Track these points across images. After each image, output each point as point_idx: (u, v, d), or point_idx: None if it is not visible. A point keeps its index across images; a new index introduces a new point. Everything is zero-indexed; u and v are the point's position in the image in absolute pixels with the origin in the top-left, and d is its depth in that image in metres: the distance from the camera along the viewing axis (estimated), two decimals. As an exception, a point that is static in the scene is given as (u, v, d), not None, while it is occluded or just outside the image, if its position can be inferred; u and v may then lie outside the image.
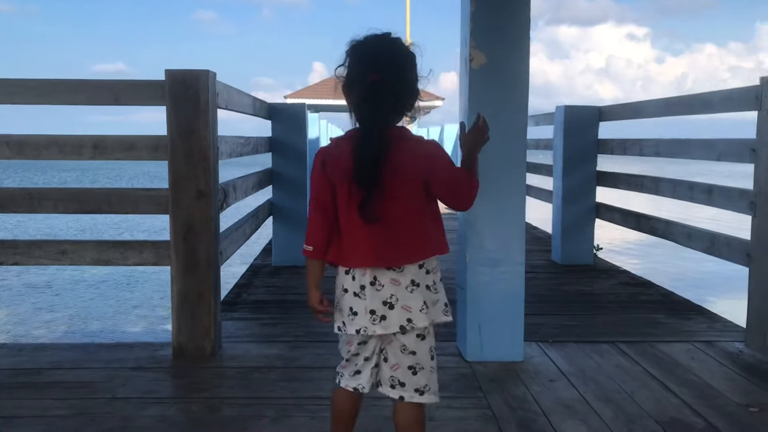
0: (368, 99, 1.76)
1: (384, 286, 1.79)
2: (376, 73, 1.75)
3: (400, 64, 1.79)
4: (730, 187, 3.58)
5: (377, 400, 2.15)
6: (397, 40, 1.82)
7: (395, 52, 1.80)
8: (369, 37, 1.81)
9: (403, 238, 1.79)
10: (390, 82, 1.76)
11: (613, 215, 5.22)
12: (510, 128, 2.98)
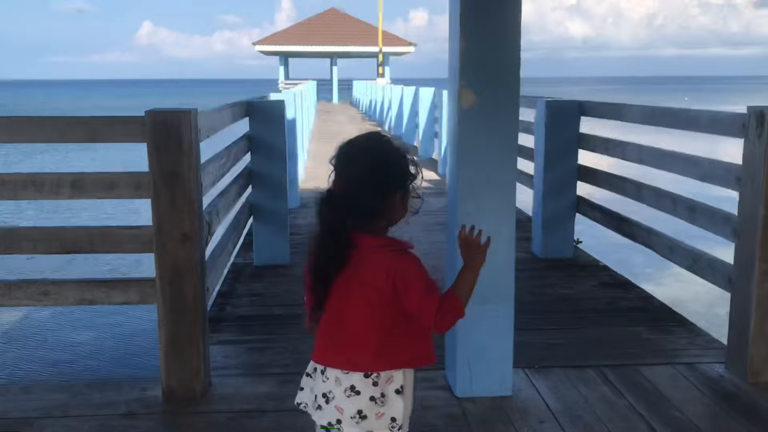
0: (325, 202, 1.77)
1: (328, 379, 1.82)
2: (335, 179, 1.77)
3: (357, 171, 1.74)
4: (714, 209, 3.60)
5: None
6: (369, 142, 1.79)
7: (356, 157, 1.76)
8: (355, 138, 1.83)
9: (352, 344, 1.79)
10: (343, 192, 1.74)
11: (595, 213, 5.25)
12: (497, 153, 2.95)
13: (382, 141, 1.79)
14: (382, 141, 1.79)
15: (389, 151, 1.76)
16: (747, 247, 3.25)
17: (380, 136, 1.82)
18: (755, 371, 3.27)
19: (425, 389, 3.19)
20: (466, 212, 2.95)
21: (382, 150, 1.76)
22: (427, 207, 8.01)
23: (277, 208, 5.18)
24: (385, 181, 1.73)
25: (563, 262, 5.42)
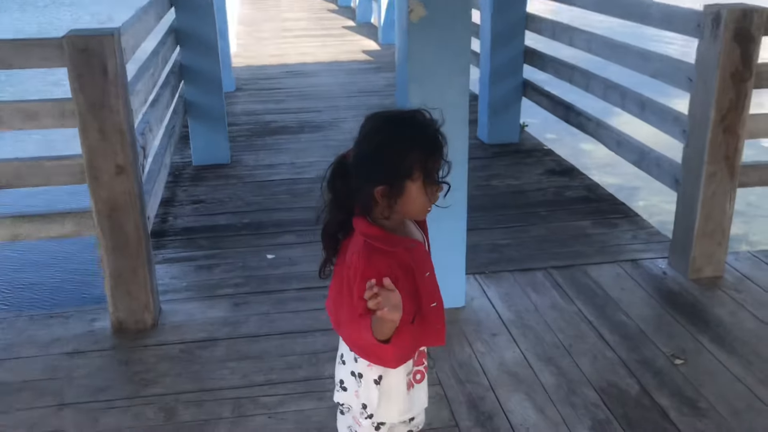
0: (334, 168, 1.68)
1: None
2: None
3: (357, 149, 1.58)
4: (665, 107, 3.56)
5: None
6: (382, 123, 1.57)
7: (364, 135, 1.58)
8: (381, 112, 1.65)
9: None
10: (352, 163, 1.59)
11: (541, 99, 5.17)
12: (449, 69, 2.79)
13: (392, 125, 1.54)
14: (393, 125, 1.53)
15: (389, 140, 1.51)
16: (696, 148, 3.25)
17: (399, 117, 1.56)
18: (697, 268, 3.39)
19: None
20: (417, 131, 2.83)
21: (385, 135, 1.53)
22: (366, 85, 7.77)
23: (212, 105, 4.91)
24: (367, 169, 1.54)
25: (509, 147, 5.39)
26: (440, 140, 1.54)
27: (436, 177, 1.55)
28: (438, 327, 1.71)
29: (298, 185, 4.70)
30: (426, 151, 1.52)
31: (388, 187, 1.51)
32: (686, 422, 2.42)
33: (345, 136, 5.77)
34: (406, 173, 1.50)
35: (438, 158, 1.54)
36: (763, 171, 3.39)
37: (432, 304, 1.66)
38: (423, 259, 1.65)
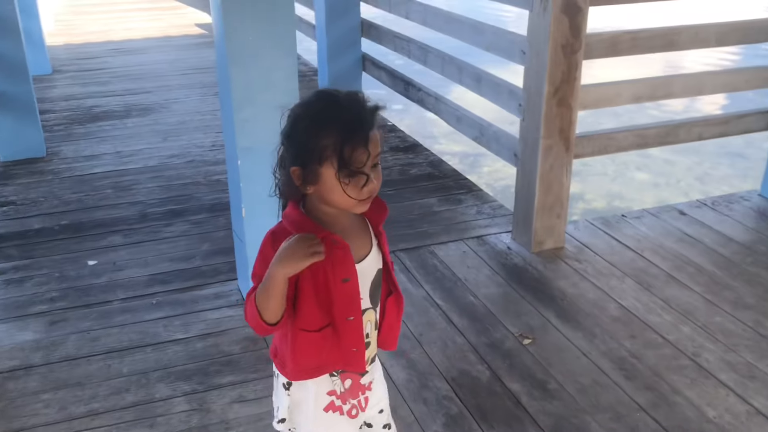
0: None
1: None
2: None
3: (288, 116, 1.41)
4: (500, 81, 3.52)
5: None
6: (298, 102, 1.41)
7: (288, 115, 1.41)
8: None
9: None
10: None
11: (381, 74, 5.04)
12: (274, 49, 2.55)
13: (315, 102, 1.38)
14: (315, 102, 1.38)
15: (305, 118, 1.36)
16: (531, 122, 3.23)
17: (326, 96, 1.39)
18: (539, 241, 3.40)
19: (219, 307, 2.95)
20: (242, 119, 2.57)
21: (302, 112, 1.36)
22: (200, 62, 7.32)
23: (18, 92, 4.36)
24: (285, 147, 1.41)
25: (352, 124, 5.23)
26: (360, 126, 1.32)
27: (353, 167, 1.32)
28: (356, 350, 1.50)
29: (124, 177, 4.29)
30: (341, 137, 1.31)
31: (301, 168, 1.36)
32: (537, 406, 2.38)
33: (177, 119, 5.38)
34: (317, 157, 1.33)
35: (356, 146, 1.31)
36: (597, 141, 3.44)
37: (348, 318, 1.46)
38: (342, 262, 1.42)
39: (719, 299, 2.98)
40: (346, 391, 1.56)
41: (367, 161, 1.33)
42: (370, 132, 1.33)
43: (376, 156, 1.35)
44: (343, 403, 1.56)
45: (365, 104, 1.35)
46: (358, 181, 1.34)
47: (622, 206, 5.34)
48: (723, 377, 2.51)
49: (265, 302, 1.37)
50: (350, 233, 1.46)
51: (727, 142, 6.09)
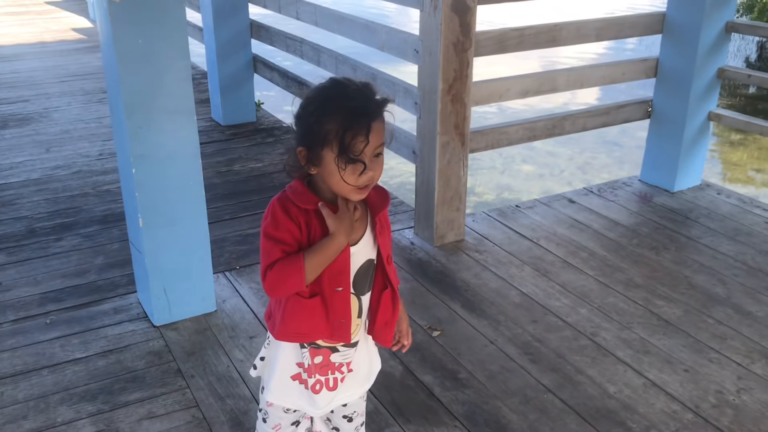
0: None
1: None
2: None
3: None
4: (395, 80, 3.56)
5: None
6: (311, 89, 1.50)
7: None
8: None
9: None
10: None
11: (273, 75, 4.98)
12: (166, 51, 2.47)
13: (327, 89, 1.45)
14: (328, 89, 1.45)
15: (316, 102, 1.43)
16: (428, 119, 3.29)
17: (337, 84, 1.45)
18: (441, 235, 3.47)
19: (120, 322, 2.83)
20: (136, 126, 2.48)
21: (314, 96, 1.45)
22: (80, 68, 6.97)
23: None
24: (296, 127, 1.49)
25: (247, 127, 5.16)
26: (363, 115, 1.39)
27: (351, 154, 1.39)
28: (343, 321, 1.56)
29: (5, 192, 4.03)
30: (343, 123, 1.38)
31: (306, 149, 1.44)
32: (450, 396, 2.44)
33: (59, 128, 5.13)
34: (321, 140, 1.40)
35: (357, 133, 1.38)
36: (490, 135, 3.55)
37: (337, 288, 1.54)
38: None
39: (611, 281, 3.15)
40: (313, 365, 1.62)
41: (364, 149, 1.39)
42: (372, 122, 1.39)
43: (378, 146, 1.42)
44: (309, 376, 1.63)
45: (372, 95, 1.43)
46: (356, 168, 1.41)
47: (511, 197, 5.53)
48: (620, 354, 2.65)
49: (318, 267, 1.47)
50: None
51: (604, 132, 6.45)
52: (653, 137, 4.10)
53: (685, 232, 3.59)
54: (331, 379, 1.65)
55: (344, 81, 1.45)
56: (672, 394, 2.44)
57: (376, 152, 1.42)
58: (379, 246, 1.59)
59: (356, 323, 1.61)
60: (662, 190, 4.06)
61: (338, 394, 1.68)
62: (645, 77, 4.02)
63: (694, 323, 2.84)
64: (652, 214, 3.78)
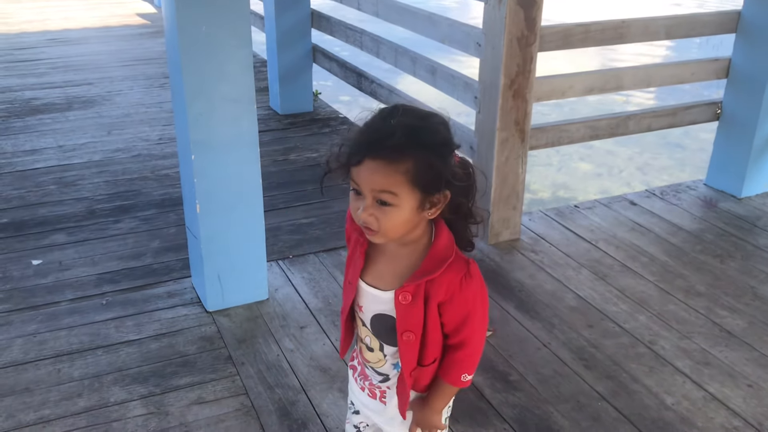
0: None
1: None
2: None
3: None
4: (455, 73, 3.50)
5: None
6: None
7: None
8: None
9: None
10: None
11: (332, 66, 4.97)
12: (228, 38, 2.47)
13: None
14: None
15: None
16: (487, 114, 3.23)
17: (377, 112, 1.32)
18: (495, 233, 3.41)
19: (173, 306, 2.87)
20: (196, 113, 2.49)
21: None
22: (143, 53, 7.11)
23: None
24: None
25: (304, 117, 5.17)
26: (355, 147, 1.23)
27: (346, 181, 1.28)
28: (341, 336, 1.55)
29: (68, 173, 4.13)
30: (344, 153, 1.26)
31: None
32: (500, 398, 2.39)
33: (120, 111, 5.22)
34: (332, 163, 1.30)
35: (353, 156, 1.24)
36: (551, 133, 3.47)
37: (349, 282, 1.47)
38: (353, 257, 1.44)
39: (672, 287, 3.04)
40: (357, 351, 1.58)
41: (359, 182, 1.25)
42: (366, 157, 1.21)
43: (378, 191, 1.22)
44: (351, 359, 1.62)
45: (387, 130, 1.20)
46: (355, 198, 1.28)
47: (567, 196, 5.42)
48: (679, 364, 2.56)
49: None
50: (390, 257, 1.37)
51: (666, 133, 6.25)
52: (721, 140, 3.95)
53: (752, 240, 3.45)
54: (359, 379, 1.59)
55: (394, 107, 1.26)
56: (733, 410, 2.34)
57: (379, 198, 1.23)
58: (416, 316, 1.36)
59: (377, 357, 1.48)
60: (729, 195, 3.91)
61: (370, 406, 1.58)
62: (715, 78, 3.87)
63: (759, 336, 2.72)
64: (717, 220, 3.64)
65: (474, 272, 1.35)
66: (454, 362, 1.41)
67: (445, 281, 1.31)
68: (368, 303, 1.41)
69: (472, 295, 1.34)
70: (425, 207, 1.27)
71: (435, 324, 1.36)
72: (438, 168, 1.22)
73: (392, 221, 1.25)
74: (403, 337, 1.37)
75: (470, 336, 1.38)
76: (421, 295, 1.32)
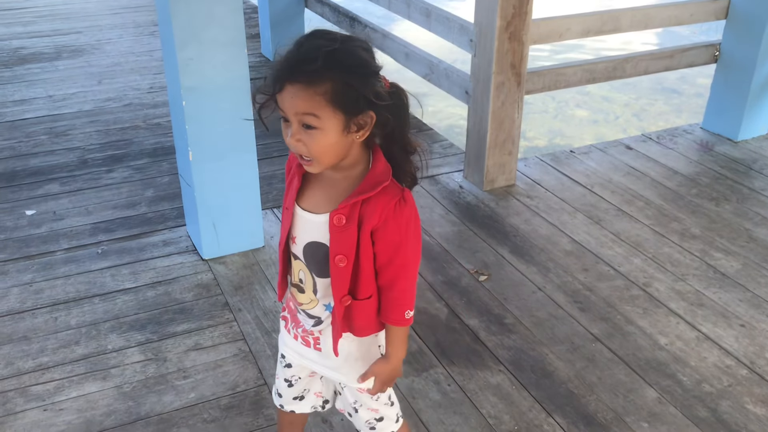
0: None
1: None
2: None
3: None
4: (450, 16, 3.43)
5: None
6: None
7: None
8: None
9: None
10: None
11: (324, 10, 4.88)
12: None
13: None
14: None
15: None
16: (483, 58, 3.18)
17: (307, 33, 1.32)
18: (491, 179, 3.40)
19: (169, 254, 2.86)
20: (186, 57, 2.45)
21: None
22: (131, 0, 6.87)
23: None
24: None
25: (296, 64, 5.08)
26: (277, 72, 1.23)
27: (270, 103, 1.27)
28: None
29: (59, 122, 4.08)
30: (268, 83, 1.26)
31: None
32: (495, 341, 2.41)
33: (111, 60, 5.13)
34: (258, 97, 1.30)
35: (274, 84, 1.24)
36: (547, 76, 3.42)
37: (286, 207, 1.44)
38: (290, 186, 1.42)
39: (667, 231, 3.05)
40: (288, 299, 1.54)
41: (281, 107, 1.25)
42: (284, 84, 1.22)
43: (300, 114, 1.22)
44: (282, 309, 1.58)
45: (306, 56, 1.21)
46: (285, 126, 1.28)
47: (563, 143, 5.38)
48: (673, 306, 2.58)
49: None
50: (326, 184, 1.36)
51: (662, 78, 6.17)
52: (719, 83, 3.90)
53: (747, 183, 3.44)
54: (291, 330, 1.54)
55: (312, 33, 1.27)
56: (726, 349, 2.37)
57: (303, 122, 1.23)
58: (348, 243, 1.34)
59: (309, 297, 1.45)
60: (725, 138, 3.89)
61: (307, 355, 1.53)
62: (714, 19, 3.80)
63: (752, 277, 2.74)
64: (713, 164, 3.63)
65: (408, 198, 1.34)
66: (392, 301, 1.40)
67: (380, 205, 1.31)
68: (302, 231, 1.40)
69: (405, 221, 1.33)
70: (351, 129, 1.26)
71: (368, 253, 1.35)
72: (356, 88, 1.22)
73: (319, 144, 1.25)
74: (335, 260, 1.35)
75: (403, 267, 1.37)
76: (355, 218, 1.32)
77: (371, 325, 1.45)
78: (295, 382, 1.62)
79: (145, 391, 2.18)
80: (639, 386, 2.22)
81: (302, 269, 1.43)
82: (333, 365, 1.50)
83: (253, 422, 2.07)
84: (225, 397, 2.16)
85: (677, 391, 2.20)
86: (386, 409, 1.59)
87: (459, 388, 2.21)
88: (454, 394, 2.19)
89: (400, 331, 1.44)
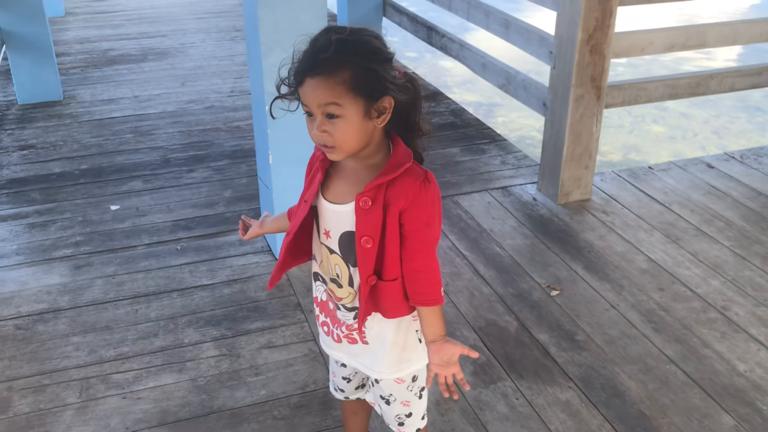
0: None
1: None
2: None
3: None
4: (529, 27, 3.42)
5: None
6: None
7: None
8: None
9: None
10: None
11: (402, 19, 4.92)
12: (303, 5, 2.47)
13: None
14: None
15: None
16: (563, 70, 3.15)
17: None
18: (565, 193, 3.36)
19: (245, 254, 2.94)
20: (272, 64, 2.51)
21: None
22: (216, 5, 7.16)
23: (35, 34, 4.28)
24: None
25: (372, 71, 5.14)
26: (300, 67, 1.31)
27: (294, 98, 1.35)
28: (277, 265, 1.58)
29: (143, 122, 4.24)
30: (290, 78, 1.35)
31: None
32: (566, 357, 2.38)
33: (194, 63, 5.30)
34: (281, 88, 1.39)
35: (295, 79, 1.32)
36: (628, 91, 3.36)
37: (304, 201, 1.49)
38: (311, 181, 1.48)
39: (748, 253, 2.94)
40: (323, 302, 1.57)
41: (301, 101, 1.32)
42: (307, 76, 1.28)
43: (324, 105, 1.27)
44: (319, 311, 1.60)
45: (321, 47, 1.27)
46: (309, 121, 1.33)
47: (638, 159, 5.26)
48: (753, 331, 2.49)
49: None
50: (349, 174, 1.41)
51: (746, 96, 5.96)
52: (809, 102, 3.75)
53: (837, 208, 3.30)
54: (334, 332, 1.56)
55: (327, 29, 1.33)
56: (810, 380, 2.27)
57: (326, 112, 1.28)
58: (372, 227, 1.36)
59: (347, 291, 1.48)
60: (814, 160, 3.73)
61: (352, 351, 1.57)
62: (807, 36, 3.66)
63: (840, 307, 2.62)
64: (800, 186, 3.49)
65: (431, 179, 1.38)
66: (425, 282, 1.43)
67: (405, 187, 1.34)
68: (334, 223, 1.43)
69: (431, 201, 1.36)
70: (372, 115, 1.30)
71: (394, 235, 1.37)
72: (374, 72, 1.27)
73: (343, 132, 1.29)
74: (361, 242, 1.37)
75: (431, 247, 1.41)
76: (380, 201, 1.35)
77: (400, 308, 1.47)
78: (353, 377, 1.69)
79: (219, 385, 2.24)
80: (714, 412, 2.15)
81: (338, 263, 1.47)
82: (376, 354, 1.53)
83: (322, 422, 2.11)
84: (295, 396, 2.20)
85: (756, 420, 2.12)
86: (416, 403, 1.62)
87: (527, 402, 2.19)
88: (522, 408, 2.17)
89: (434, 312, 1.47)
